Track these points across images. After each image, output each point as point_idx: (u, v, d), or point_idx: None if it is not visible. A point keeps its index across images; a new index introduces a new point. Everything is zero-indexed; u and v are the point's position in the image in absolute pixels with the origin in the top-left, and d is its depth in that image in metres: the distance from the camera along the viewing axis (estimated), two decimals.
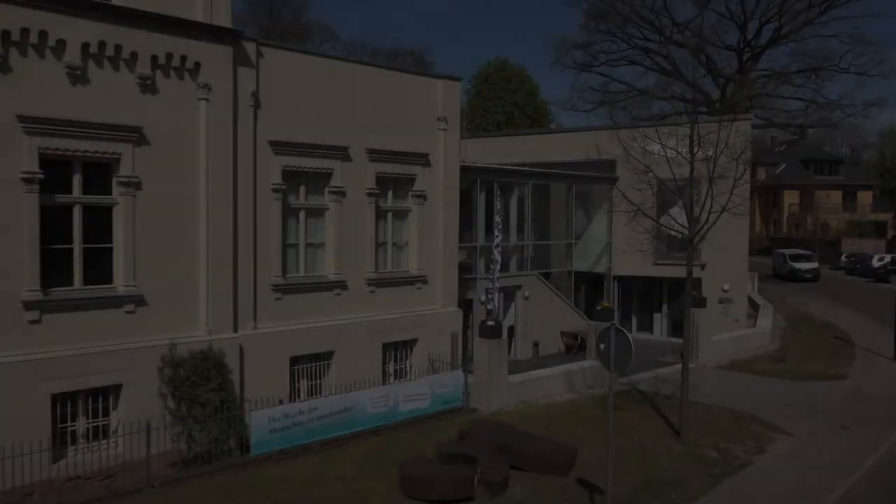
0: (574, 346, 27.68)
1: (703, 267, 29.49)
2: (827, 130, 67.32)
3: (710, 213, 17.32)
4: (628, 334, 10.99)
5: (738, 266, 29.32)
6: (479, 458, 13.40)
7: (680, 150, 28.21)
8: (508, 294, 27.01)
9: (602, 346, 11.14)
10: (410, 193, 19.26)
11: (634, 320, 32.64)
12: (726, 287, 29.12)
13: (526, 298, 27.09)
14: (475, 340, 18.92)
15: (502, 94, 70.92)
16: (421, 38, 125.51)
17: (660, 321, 31.92)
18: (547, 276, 28.82)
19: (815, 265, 50.76)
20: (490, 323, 18.69)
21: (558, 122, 68.28)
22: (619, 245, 30.92)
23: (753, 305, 35.82)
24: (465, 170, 23.87)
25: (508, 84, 69.32)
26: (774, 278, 51.09)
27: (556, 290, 28.31)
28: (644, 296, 32.53)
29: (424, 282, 19.51)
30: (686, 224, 29.43)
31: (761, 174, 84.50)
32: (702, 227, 16.93)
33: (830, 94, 68.06)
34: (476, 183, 25.07)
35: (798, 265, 50.33)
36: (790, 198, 78.74)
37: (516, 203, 27.27)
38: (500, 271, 26.78)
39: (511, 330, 27.29)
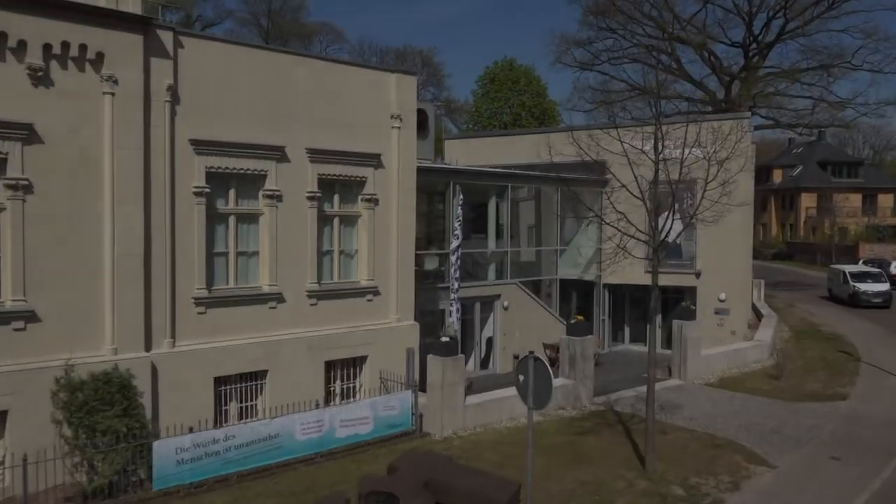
0: (558, 360, 25.95)
1: (697, 275, 27.72)
2: (842, 131, 64.64)
3: (692, 218, 15.52)
4: (548, 366, 9.35)
5: (737, 274, 27.41)
6: (403, 496, 11.80)
7: (669, 150, 26.43)
8: (486, 304, 25.40)
9: (521, 377, 9.51)
10: (360, 197, 17.70)
11: (627, 331, 30.86)
12: (722, 297, 27.27)
13: (505, 308, 25.44)
14: (430, 358, 17.32)
15: (509, 94, 69.38)
16: (433, 40, 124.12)
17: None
18: (534, 284, 27.17)
19: (885, 287, 39.73)
20: (444, 338, 17.07)
21: (567, 124, 66.58)
22: (610, 251, 29.16)
23: (759, 315, 33.90)
24: (431, 171, 22.36)
25: (515, 85, 67.82)
26: (830, 302, 42.16)
27: (538, 300, 26.62)
28: (637, 305, 30.72)
29: (376, 293, 17.93)
30: (675, 230, 27.63)
31: (777, 176, 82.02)
32: (666, 237, 15.09)
33: (845, 92, 65.22)
34: (449, 185, 23.53)
35: (863, 287, 39.69)
36: (807, 201, 76.19)
37: (494, 207, 25.64)
38: (477, 280, 25.32)
39: (489, 342, 25.69)
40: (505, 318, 25.52)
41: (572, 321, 20.28)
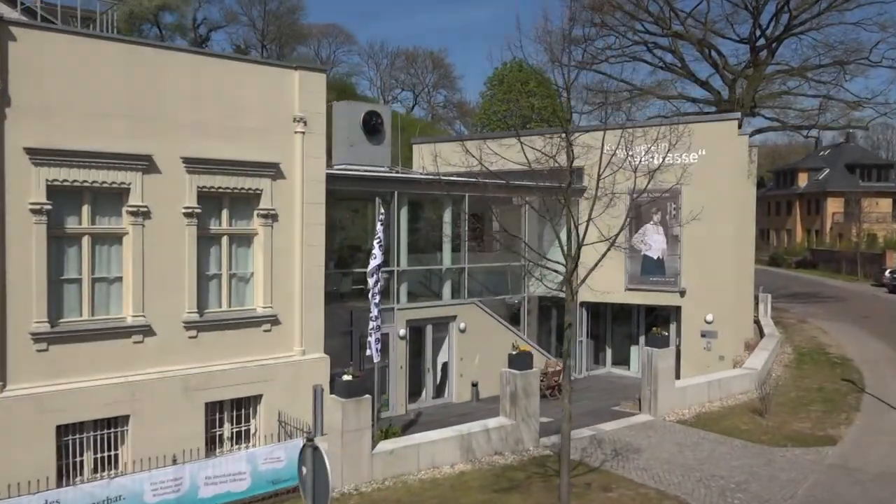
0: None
1: (682, 294, 24.94)
2: (872, 133, 60.87)
3: (613, 240, 13.02)
4: (326, 461, 6.93)
5: (726, 292, 24.54)
6: None
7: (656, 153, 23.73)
8: (440, 327, 22.99)
9: (303, 469, 7.11)
10: (256, 213, 15.41)
11: (609, 353, 28.17)
12: (709, 318, 24.47)
13: (462, 331, 23.00)
14: (331, 399, 14.94)
15: (517, 96, 66.84)
16: (444, 41, 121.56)
17: (638, 355, 27.30)
18: (500, 303, 24.68)
19: None
20: (345, 377, 14.66)
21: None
22: (587, 265, 26.51)
23: (762, 333, 30.96)
24: (363, 180, 20.06)
25: (525, 86, 65.38)
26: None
27: (502, 321, 24.10)
28: (620, 324, 28.03)
29: (275, 322, 15.62)
30: (657, 244, 24.91)
31: (803, 180, 78.17)
32: (575, 263, 12.59)
33: (857, 91, 61.32)
34: (393, 196, 21.18)
35: None
36: (834, 206, 72.22)
37: (451, 218, 23.20)
38: (429, 299, 22.90)
39: (444, 368, 23.26)
40: (462, 342, 23.09)
41: (514, 352, 17.73)
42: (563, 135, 12.34)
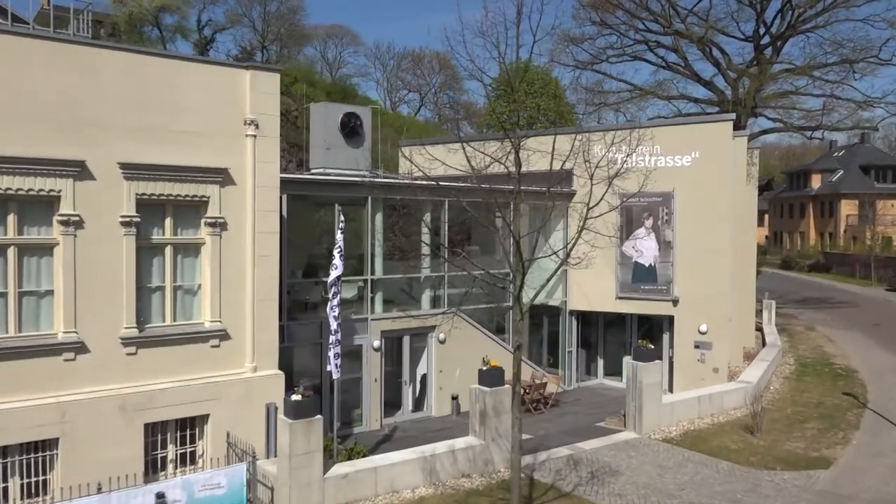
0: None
1: (674, 303, 23.80)
2: (875, 132, 59.15)
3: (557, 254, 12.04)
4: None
5: (721, 301, 23.34)
6: None
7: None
8: (419, 337, 22.04)
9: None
10: (203, 221, 14.53)
11: (601, 364, 27.05)
12: (703, 328, 23.30)
13: (441, 342, 22.01)
14: (279, 420, 14.03)
15: (523, 97, 65.90)
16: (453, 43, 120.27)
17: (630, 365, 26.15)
18: (486, 312, 23.66)
19: None
20: (294, 397, 13.73)
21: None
22: (576, 274, 25.47)
23: (764, 342, 29.78)
24: (325, 185, 19.17)
25: (531, 87, 64.45)
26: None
27: (485, 331, 23.09)
28: (613, 333, 26.91)
29: (225, 337, 14.72)
30: (649, 251, 23.80)
31: (816, 181, 76.48)
32: (523, 272, 11.62)
33: (863, 89, 59.26)
34: (367, 201, 20.27)
35: None
36: (848, 208, 70.49)
37: (430, 223, 22.23)
38: (406, 309, 21.91)
39: (424, 381, 22.30)
40: (441, 353, 22.10)
41: (485, 367, 16.73)
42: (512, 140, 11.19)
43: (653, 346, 19.89)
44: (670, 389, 24.26)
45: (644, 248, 24.20)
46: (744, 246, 29.38)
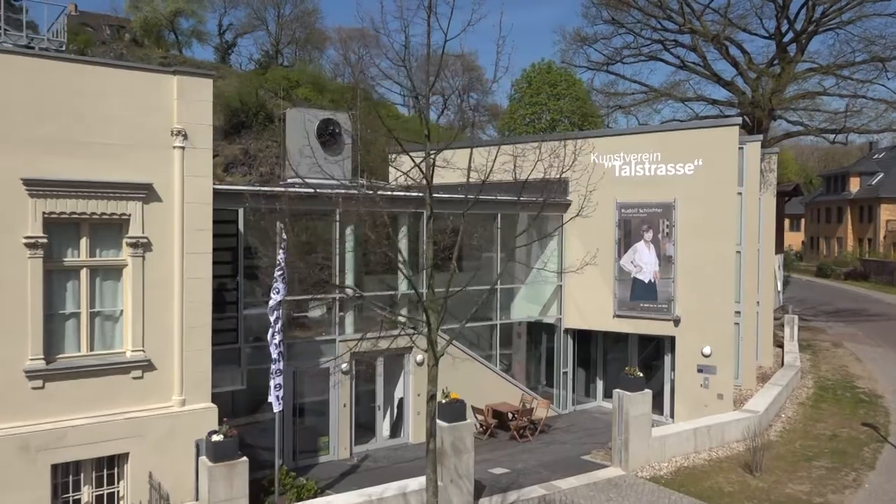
0: (490, 427, 20.84)
1: (676, 322, 21.95)
2: None
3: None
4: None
5: (726, 320, 21.39)
6: None
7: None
8: (395, 359, 20.60)
9: None
10: (125, 241, 13.26)
11: (600, 385, 25.28)
12: (707, 351, 21.41)
13: (419, 364, 20.53)
14: (199, 462, 12.70)
15: (546, 99, 64.27)
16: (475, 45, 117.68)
17: None
18: (475, 330, 22.18)
19: None
20: (216, 437, 12.39)
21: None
22: (572, 289, 23.80)
23: (783, 362, 27.71)
24: (280, 198, 17.72)
25: (553, 88, 62.78)
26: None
27: (469, 351, 21.54)
28: (613, 352, 25.11)
29: (149, 368, 13.43)
30: (648, 266, 21.99)
31: (854, 185, 73.17)
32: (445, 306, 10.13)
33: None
34: (334, 213, 18.85)
35: None
36: (888, 213, 67.15)
37: (410, 235, 20.76)
38: (379, 328, 20.40)
39: (400, 405, 20.85)
40: (419, 376, 20.58)
41: (445, 399, 15.19)
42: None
43: (641, 374, 18.14)
44: (671, 416, 22.45)
45: (643, 262, 22.40)
46: (763, 257, 27.41)
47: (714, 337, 21.31)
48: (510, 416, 21.21)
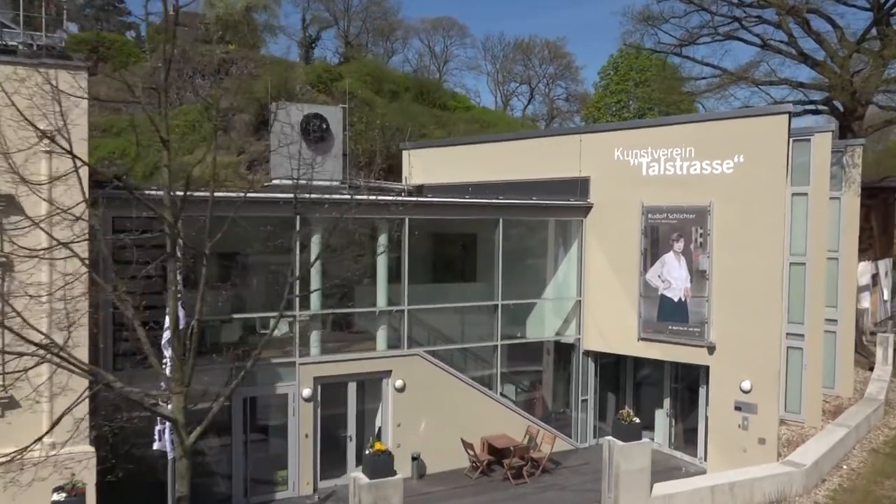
0: (480, 464, 18.11)
1: (710, 350, 18.40)
2: None
3: None
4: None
5: (771, 347, 17.61)
6: None
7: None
8: (372, 385, 18.28)
9: None
10: None
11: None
12: (746, 386, 17.75)
13: (399, 390, 18.11)
14: None
15: (632, 87, 60.00)
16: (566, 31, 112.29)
17: (664, 420, 20.92)
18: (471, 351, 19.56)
19: None
20: (56, 496, 10.44)
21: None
22: (592, 307, 20.60)
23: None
24: (235, 203, 15.62)
25: (642, 75, 58.46)
26: None
27: (460, 375, 18.92)
28: (645, 377, 21.68)
29: (9, 405, 11.71)
30: (679, 282, 18.74)
31: None
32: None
33: None
34: (296, 221, 16.66)
35: None
36: None
37: (393, 245, 18.33)
38: (354, 350, 18.02)
39: (378, 437, 18.47)
40: (399, 404, 18.20)
41: (369, 450, 12.66)
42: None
43: (637, 420, 14.87)
44: (705, 459, 18.93)
45: (672, 277, 18.92)
46: (843, 266, 23.21)
47: (755, 368, 17.63)
48: (511, 449, 18.38)
